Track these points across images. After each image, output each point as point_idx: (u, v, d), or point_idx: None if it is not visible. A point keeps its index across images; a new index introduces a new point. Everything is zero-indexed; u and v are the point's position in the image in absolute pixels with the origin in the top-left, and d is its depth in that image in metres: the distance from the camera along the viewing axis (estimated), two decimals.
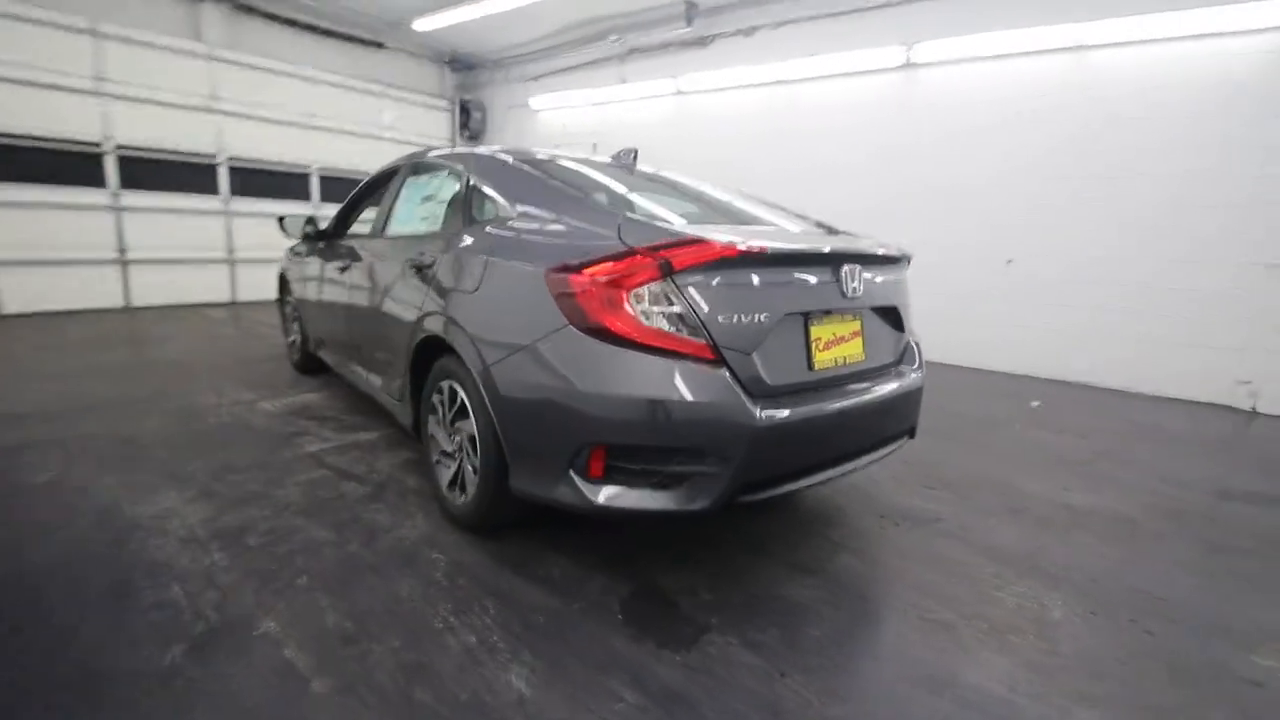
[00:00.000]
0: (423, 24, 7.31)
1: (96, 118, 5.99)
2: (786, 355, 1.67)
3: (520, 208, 1.96)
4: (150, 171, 6.41)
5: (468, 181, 2.23)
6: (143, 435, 2.88)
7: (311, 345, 3.84)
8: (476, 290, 1.88)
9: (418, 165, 2.75)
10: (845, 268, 1.80)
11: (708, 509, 1.55)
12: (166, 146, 6.48)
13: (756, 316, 1.60)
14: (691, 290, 1.54)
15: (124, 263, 6.39)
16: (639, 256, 1.54)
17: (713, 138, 6.85)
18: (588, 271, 1.57)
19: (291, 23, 7.32)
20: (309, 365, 4.05)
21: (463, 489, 2.03)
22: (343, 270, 2.98)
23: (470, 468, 1.96)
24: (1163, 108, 4.43)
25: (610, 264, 1.56)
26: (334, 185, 7.91)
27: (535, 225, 1.87)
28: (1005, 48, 5.01)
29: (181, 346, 4.89)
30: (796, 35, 6.12)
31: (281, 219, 3.44)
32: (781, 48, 6.23)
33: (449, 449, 2.10)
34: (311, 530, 2.06)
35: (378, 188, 3.29)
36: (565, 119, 8.33)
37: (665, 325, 1.54)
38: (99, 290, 6.28)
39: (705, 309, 1.54)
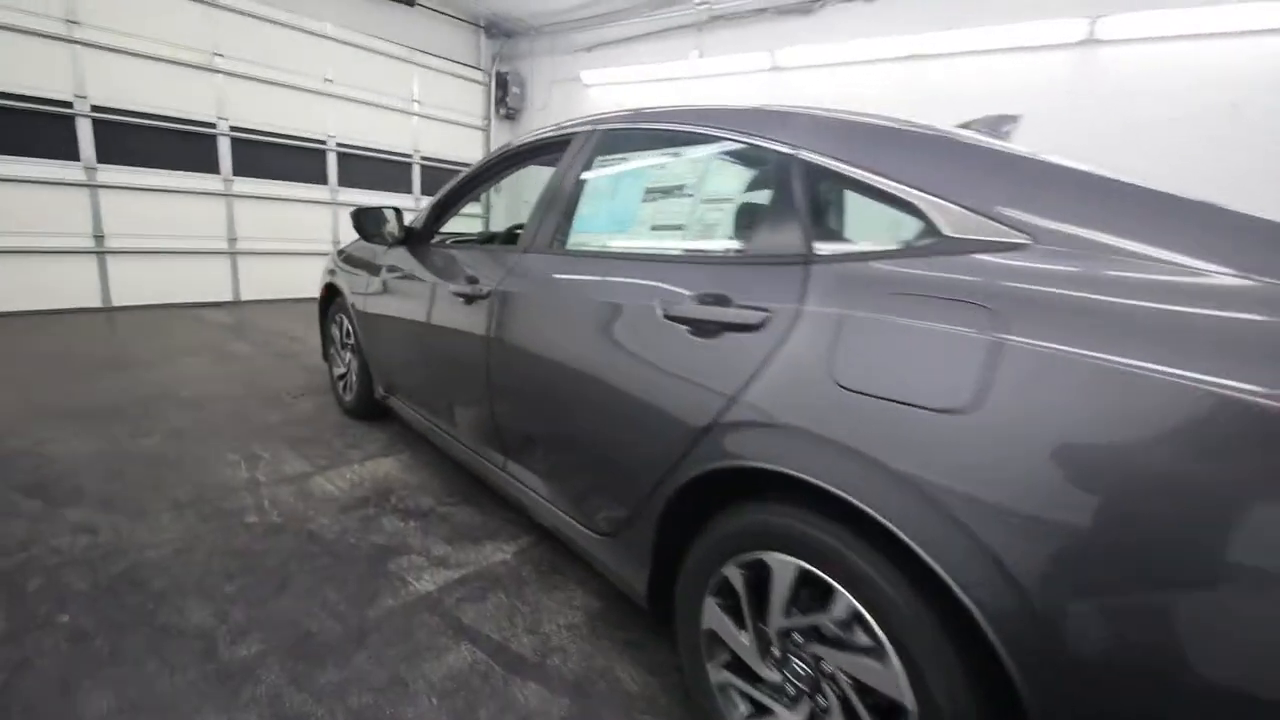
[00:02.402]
0: None
1: (66, 69, 4.75)
2: None
3: (1057, 224, 0.89)
4: (134, 141, 5.18)
5: (813, 168, 1.16)
6: (141, 568, 1.77)
7: (379, 389, 2.74)
8: (967, 412, 0.82)
9: (630, 135, 1.66)
10: None
11: None
12: (154, 110, 5.25)
13: None
14: None
15: (102, 253, 5.17)
16: None
17: None
18: None
19: None
20: (367, 410, 2.95)
21: None
22: (468, 298, 1.89)
23: None
24: None
25: None
26: (354, 165, 6.72)
27: (1123, 271, 0.81)
28: (1223, 24, 4.04)
29: (181, 371, 3.73)
30: (933, 2, 5.09)
31: (361, 214, 2.31)
32: (911, 17, 5.19)
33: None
34: None
35: (505, 170, 2.20)
36: (623, 96, 7.21)
37: None
38: (70, 286, 5.06)
39: None
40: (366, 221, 2.32)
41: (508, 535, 2.07)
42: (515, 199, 7.06)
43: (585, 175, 1.70)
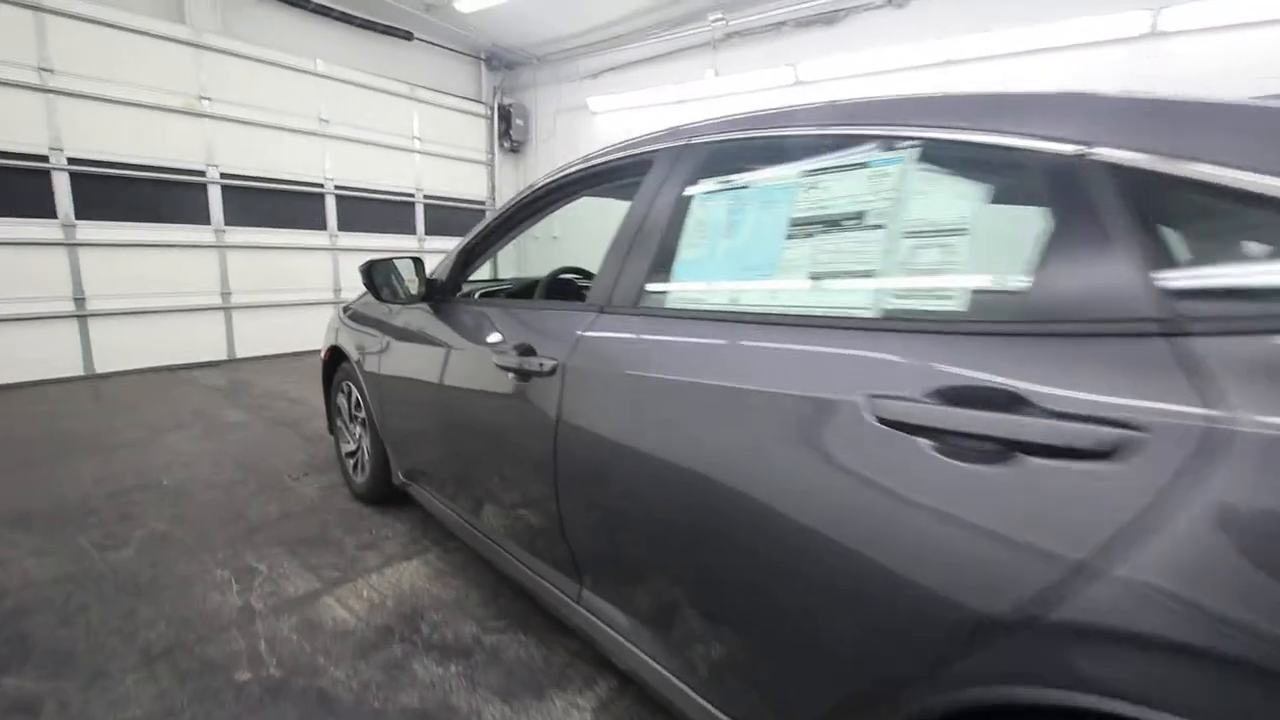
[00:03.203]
0: (467, 3, 5.81)
1: (40, 120, 4.37)
2: None
3: None
4: (116, 194, 4.78)
5: (1133, 174, 0.70)
6: None
7: (398, 474, 2.27)
8: None
9: (745, 148, 1.20)
10: None
11: None
12: (137, 160, 4.86)
13: None
14: None
15: (83, 316, 4.73)
16: None
17: None
18: None
19: (297, 3, 5.77)
20: (382, 494, 2.47)
21: None
22: (523, 374, 1.42)
23: None
24: None
25: None
26: (354, 207, 6.33)
27: None
28: None
29: (166, 451, 3.25)
30: (970, 4, 4.74)
31: (371, 268, 1.85)
32: (946, 21, 4.84)
33: None
34: None
35: (551, 205, 1.77)
36: (634, 122, 6.86)
37: None
38: (48, 354, 4.61)
39: None
40: (379, 276, 1.86)
41: (580, 678, 1.57)
42: (524, 238, 6.67)
43: (683, 207, 1.25)
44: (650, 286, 1.25)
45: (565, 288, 2.36)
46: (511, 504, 1.59)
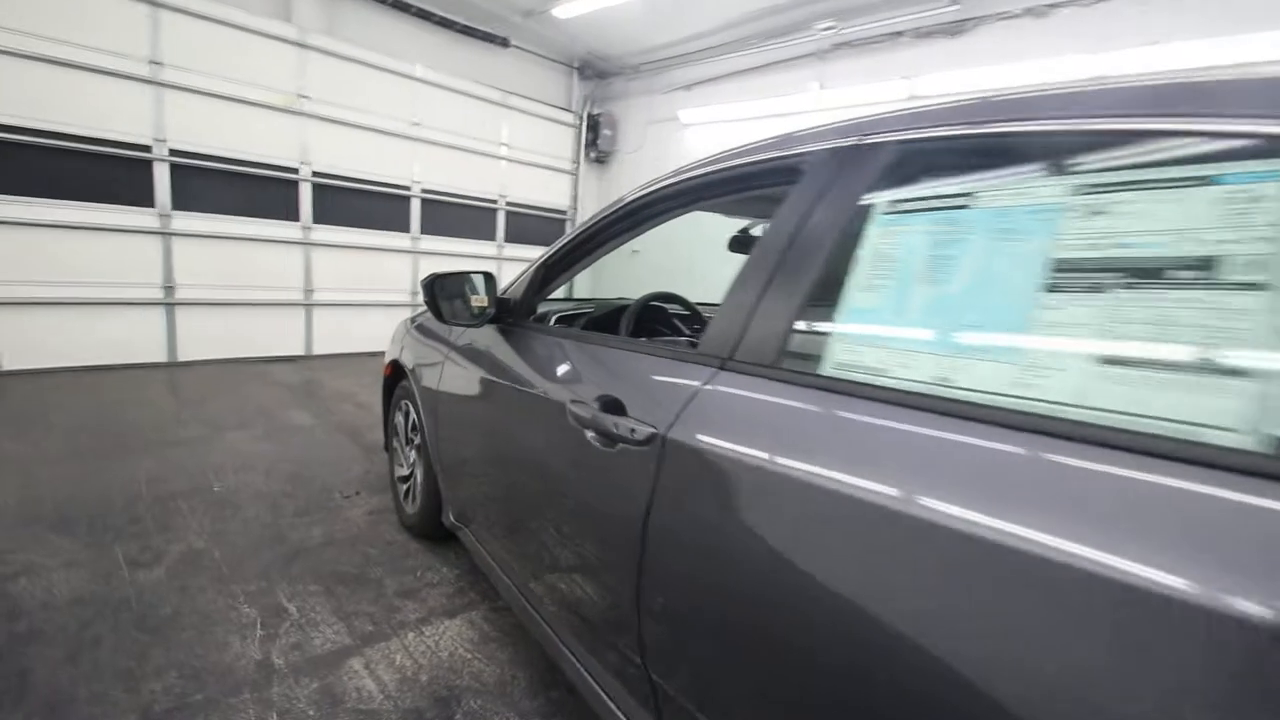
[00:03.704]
0: (565, 9, 5.67)
1: (147, 111, 4.49)
2: None
3: None
4: (211, 186, 4.86)
5: None
6: None
7: (449, 514, 1.99)
8: None
9: (959, 150, 0.81)
10: None
11: None
12: (234, 154, 4.94)
13: None
14: None
15: (170, 304, 4.82)
16: None
17: None
18: None
19: (401, 6, 5.79)
20: (432, 530, 2.20)
21: None
22: (607, 437, 1.09)
23: None
24: None
25: None
26: (438, 211, 6.29)
27: None
28: None
29: (224, 451, 3.13)
30: (1134, 13, 4.13)
31: (435, 283, 1.56)
32: (1098, 32, 4.25)
33: None
34: None
35: (651, 219, 1.45)
36: (728, 137, 6.53)
37: None
38: (136, 340, 4.71)
39: None
40: (443, 291, 1.58)
41: None
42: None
43: (855, 231, 0.88)
44: (800, 340, 0.89)
45: (656, 318, 2.03)
46: (575, 595, 1.25)
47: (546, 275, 1.64)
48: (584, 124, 7.49)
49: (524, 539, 1.49)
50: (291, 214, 5.33)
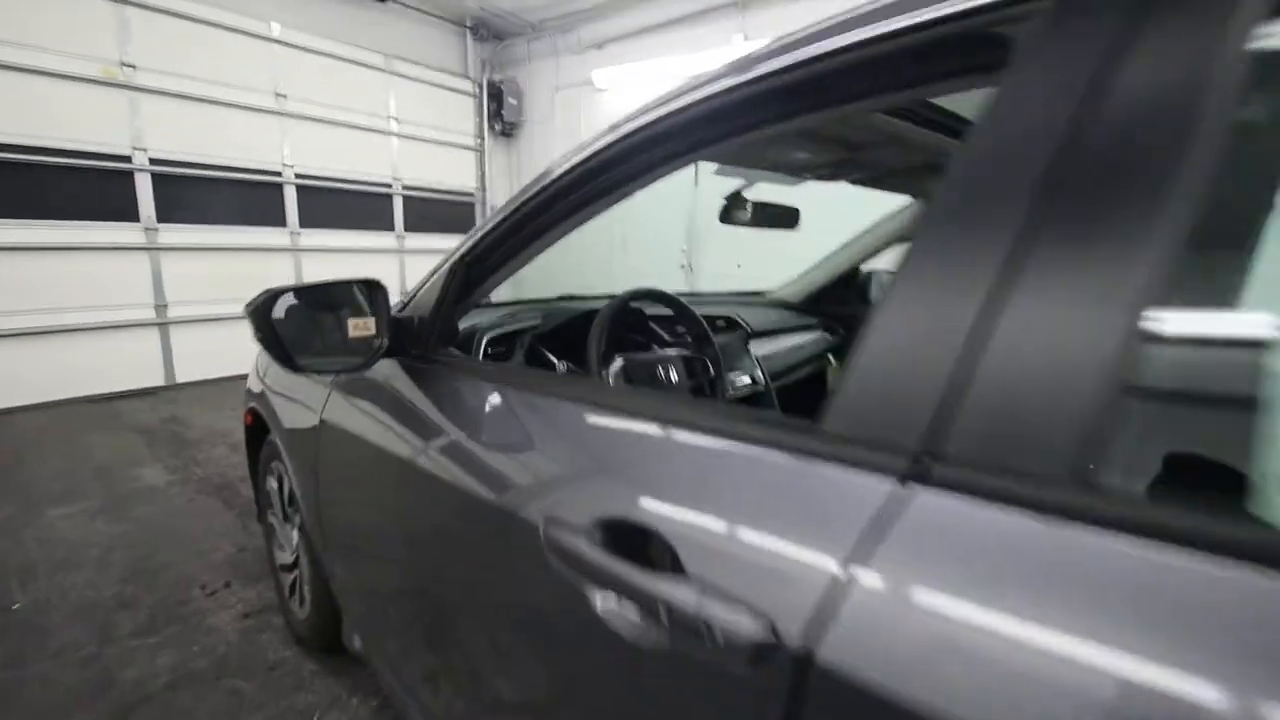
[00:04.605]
0: None
1: None
2: None
3: None
4: (18, 184, 3.80)
5: None
6: None
7: (352, 638, 1.35)
8: None
9: None
10: None
11: None
12: (42, 142, 3.87)
13: None
14: None
15: None
16: None
17: None
18: None
19: None
20: (332, 640, 1.55)
21: None
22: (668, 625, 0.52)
23: None
24: None
25: None
26: (319, 200, 5.35)
27: None
28: None
29: (37, 541, 2.30)
30: None
31: (270, 304, 0.89)
32: None
33: None
34: None
35: (632, 172, 0.86)
36: (646, 98, 5.93)
37: None
38: None
39: None
40: (293, 321, 0.93)
41: None
42: None
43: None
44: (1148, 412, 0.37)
45: (627, 323, 1.45)
46: None
47: (469, 277, 1.04)
48: (484, 92, 6.66)
49: (468, 688, 0.91)
50: (129, 213, 4.30)
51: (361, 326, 0.96)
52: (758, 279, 5.37)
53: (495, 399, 0.87)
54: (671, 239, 5.58)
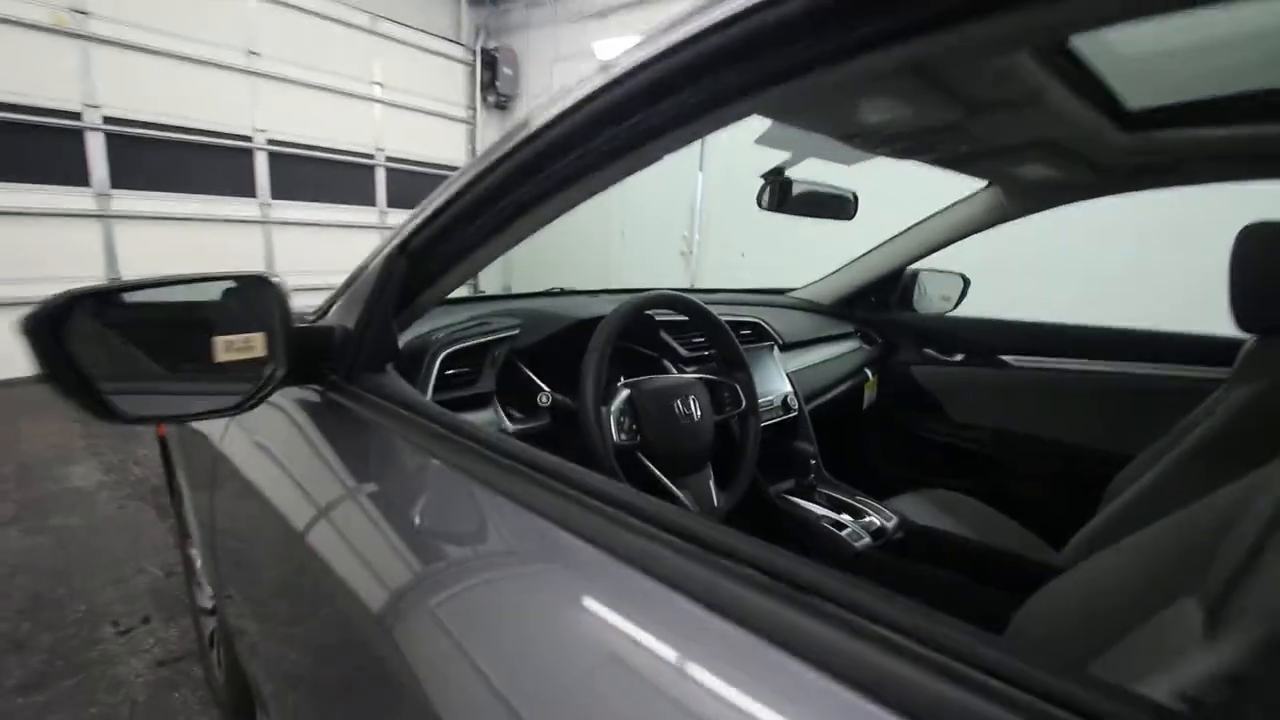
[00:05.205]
0: None
1: None
2: None
3: None
4: None
5: None
6: None
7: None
8: None
9: None
10: None
11: None
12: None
13: None
14: None
15: None
16: None
17: None
18: None
19: None
20: (249, 711, 1.23)
21: None
22: None
23: None
24: None
25: None
26: (293, 168, 4.95)
27: None
28: None
29: None
30: None
31: (63, 312, 0.57)
32: None
33: None
34: None
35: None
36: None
37: None
38: None
39: None
40: (113, 341, 0.60)
41: None
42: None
43: None
44: None
45: (630, 334, 1.12)
46: None
47: (414, 272, 0.71)
48: (478, 60, 6.24)
49: None
50: (78, 177, 3.90)
51: (240, 346, 0.63)
52: (760, 268, 5.06)
53: (436, 484, 0.55)
54: (673, 225, 5.24)
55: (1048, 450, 1.53)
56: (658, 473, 0.94)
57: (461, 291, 0.92)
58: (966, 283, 1.88)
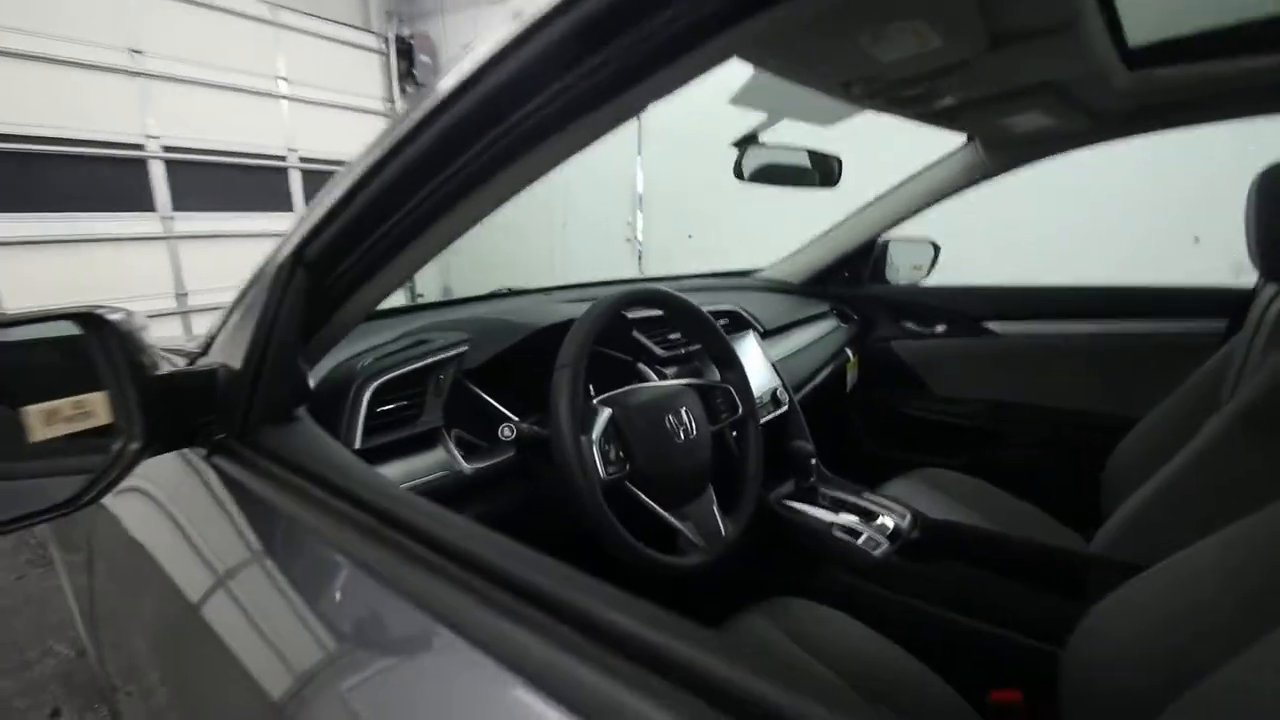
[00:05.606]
0: None
1: None
2: None
3: None
4: None
5: None
6: None
7: None
8: None
9: None
10: None
11: None
12: None
13: None
14: None
15: None
16: None
17: None
18: None
19: None
20: None
21: None
22: None
23: None
24: None
25: None
26: (198, 177, 4.51)
27: None
28: None
29: None
30: None
31: None
32: None
33: None
34: None
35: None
36: None
37: None
38: None
39: None
40: None
41: None
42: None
43: None
44: None
45: (611, 338, 0.97)
46: None
47: (316, 287, 0.54)
48: (392, 49, 5.87)
49: None
50: None
51: (70, 414, 0.44)
52: (709, 250, 4.94)
53: (368, 595, 0.39)
54: (615, 213, 5.07)
55: (1040, 419, 1.46)
56: (654, 506, 0.79)
57: (393, 300, 0.74)
58: (937, 249, 1.79)
